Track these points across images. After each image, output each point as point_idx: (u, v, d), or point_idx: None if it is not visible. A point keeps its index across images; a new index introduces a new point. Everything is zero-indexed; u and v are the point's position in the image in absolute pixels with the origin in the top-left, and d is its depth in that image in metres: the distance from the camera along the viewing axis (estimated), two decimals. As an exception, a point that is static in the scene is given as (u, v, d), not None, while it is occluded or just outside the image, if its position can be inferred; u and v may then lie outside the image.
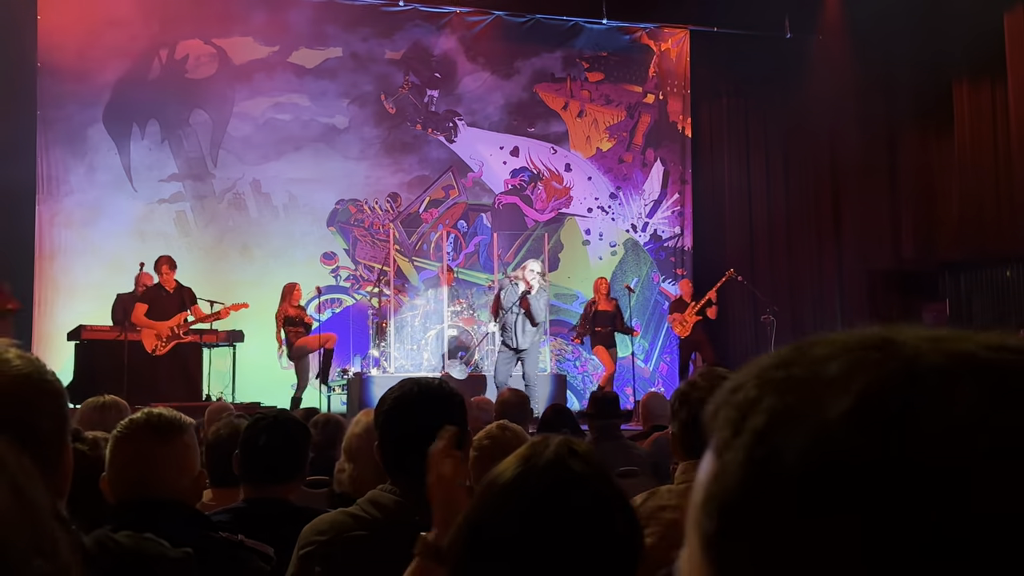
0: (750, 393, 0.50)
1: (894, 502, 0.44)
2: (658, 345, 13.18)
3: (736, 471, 0.48)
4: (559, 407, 5.73)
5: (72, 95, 11.47)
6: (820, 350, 0.50)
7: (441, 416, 2.22)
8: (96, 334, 9.67)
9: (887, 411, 0.46)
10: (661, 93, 13.48)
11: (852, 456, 0.45)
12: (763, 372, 0.51)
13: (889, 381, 0.47)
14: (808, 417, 0.47)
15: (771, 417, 0.48)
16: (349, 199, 12.36)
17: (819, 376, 0.48)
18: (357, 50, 12.43)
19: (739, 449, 0.49)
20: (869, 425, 0.46)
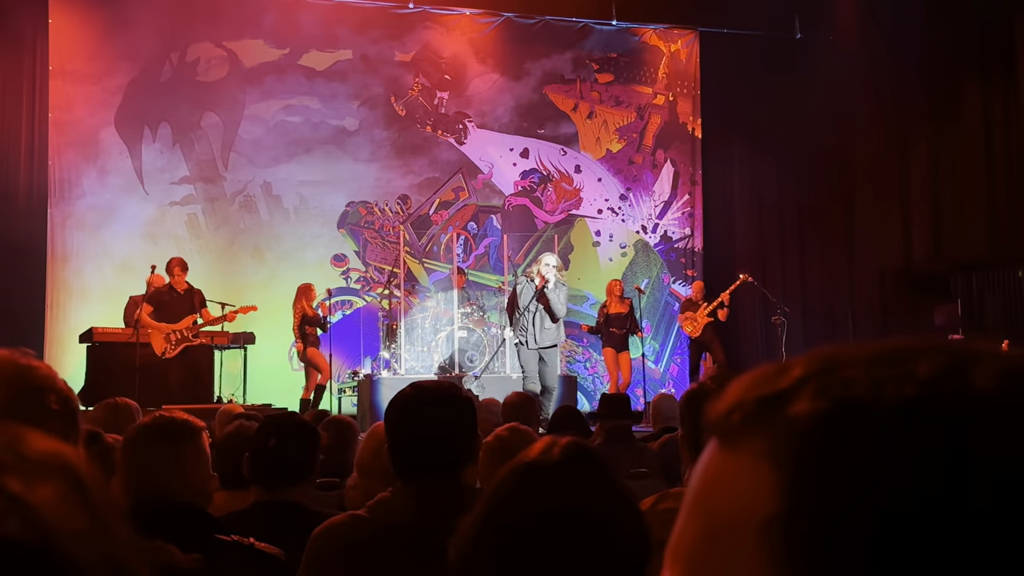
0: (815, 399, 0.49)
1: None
2: (668, 346, 13.17)
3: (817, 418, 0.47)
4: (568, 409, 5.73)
5: (84, 98, 11.52)
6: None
7: (451, 419, 2.23)
8: (108, 336, 9.71)
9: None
10: (671, 94, 13.47)
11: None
12: (820, 374, 0.50)
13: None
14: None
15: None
16: (359, 201, 12.38)
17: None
18: (367, 52, 12.46)
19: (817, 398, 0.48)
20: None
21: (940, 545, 0.44)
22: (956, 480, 0.44)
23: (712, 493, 0.51)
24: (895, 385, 0.47)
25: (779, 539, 0.47)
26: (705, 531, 0.51)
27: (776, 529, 0.47)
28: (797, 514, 0.46)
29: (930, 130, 11.80)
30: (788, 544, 0.46)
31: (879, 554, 0.44)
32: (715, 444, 0.52)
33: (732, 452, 0.50)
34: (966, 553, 0.44)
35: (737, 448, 0.50)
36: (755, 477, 0.48)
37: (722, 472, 0.51)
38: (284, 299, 11.35)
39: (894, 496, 0.45)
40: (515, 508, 1.26)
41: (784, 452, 0.48)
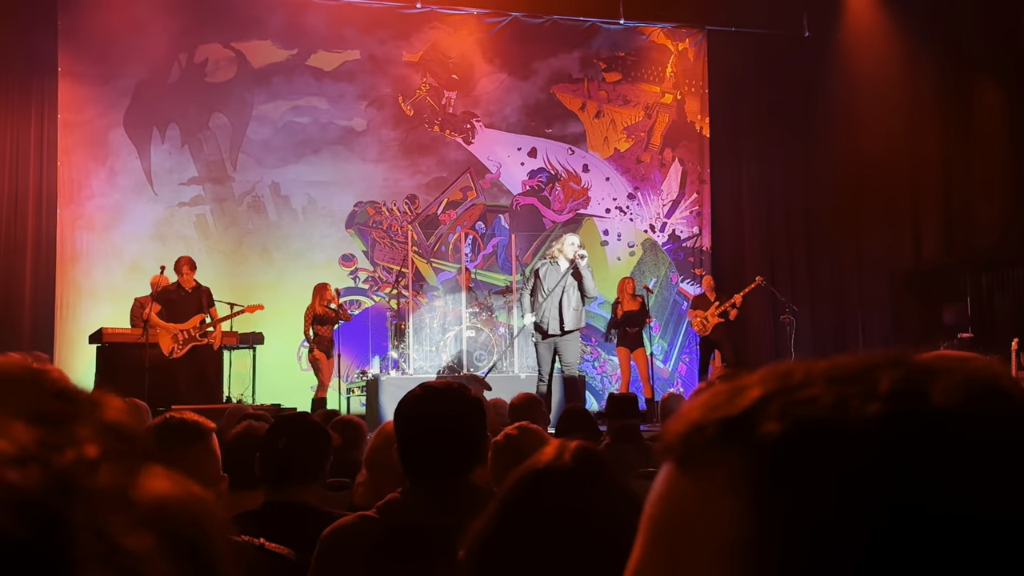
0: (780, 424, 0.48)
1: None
2: (677, 345, 13.16)
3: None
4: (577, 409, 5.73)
5: (93, 100, 11.56)
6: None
7: (460, 419, 2.24)
8: (117, 337, 9.74)
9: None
10: (679, 93, 13.45)
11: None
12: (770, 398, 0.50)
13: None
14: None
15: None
16: (367, 201, 12.40)
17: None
18: (375, 52, 12.47)
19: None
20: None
21: (919, 562, 0.44)
22: (928, 496, 0.44)
23: (675, 519, 0.50)
24: (859, 403, 0.47)
25: (751, 563, 0.46)
26: (670, 559, 0.49)
27: (748, 553, 0.46)
28: (770, 537, 0.46)
29: (940, 128, 11.77)
30: (761, 568, 0.46)
31: (858, 573, 0.44)
32: (672, 468, 0.51)
33: (693, 476, 0.49)
34: (942, 571, 0.44)
35: (699, 472, 0.49)
36: (722, 501, 0.47)
37: (684, 498, 0.49)
38: (293, 299, 11.37)
39: (870, 515, 0.44)
40: (526, 512, 1.27)
41: (752, 475, 0.47)
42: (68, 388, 0.48)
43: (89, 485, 0.45)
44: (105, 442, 0.47)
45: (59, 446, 0.46)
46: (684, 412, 0.52)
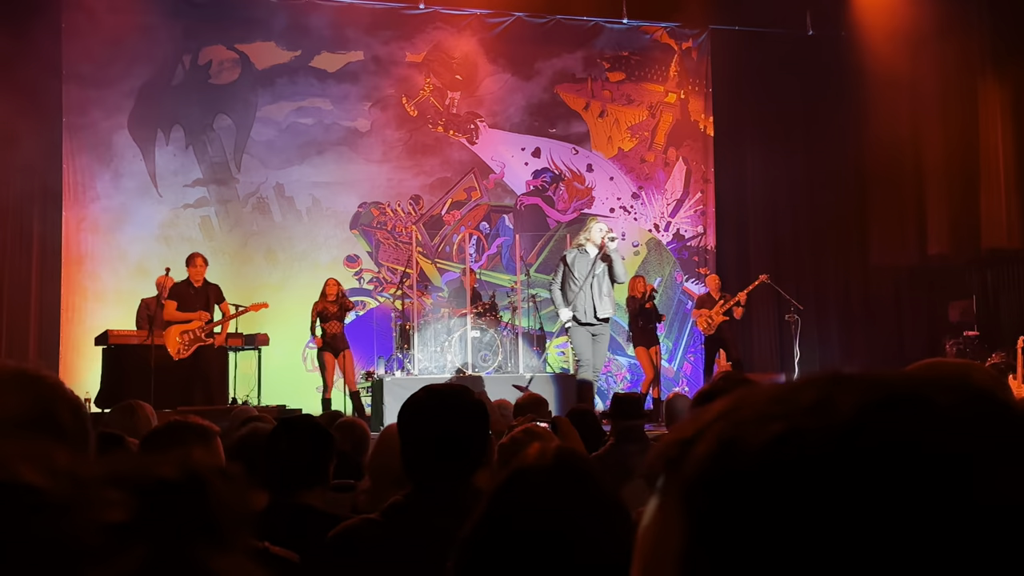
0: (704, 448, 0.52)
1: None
2: (682, 345, 13.15)
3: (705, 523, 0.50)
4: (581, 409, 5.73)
5: (97, 102, 11.59)
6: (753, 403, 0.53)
7: (463, 422, 2.24)
8: (123, 339, 9.76)
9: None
10: (682, 92, 13.44)
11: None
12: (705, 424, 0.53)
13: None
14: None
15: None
16: (372, 202, 12.41)
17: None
18: (378, 53, 12.48)
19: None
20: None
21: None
22: (815, 516, 0.46)
23: (644, 537, 0.54)
24: (770, 423, 0.49)
25: (687, 574, 0.50)
26: (644, 569, 0.53)
27: (684, 565, 0.50)
28: (695, 551, 0.49)
29: (944, 125, 11.74)
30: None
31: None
32: (653, 495, 0.55)
33: (660, 497, 0.53)
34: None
35: (663, 492, 0.53)
36: (671, 516, 0.51)
37: (652, 517, 0.54)
38: (298, 300, 11.39)
39: (764, 535, 0.47)
40: (506, 511, 1.28)
41: (685, 492, 0.51)
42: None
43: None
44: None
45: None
46: (661, 440, 0.56)
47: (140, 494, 0.62)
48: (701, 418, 0.53)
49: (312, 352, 11.68)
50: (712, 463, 0.50)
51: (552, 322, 12.47)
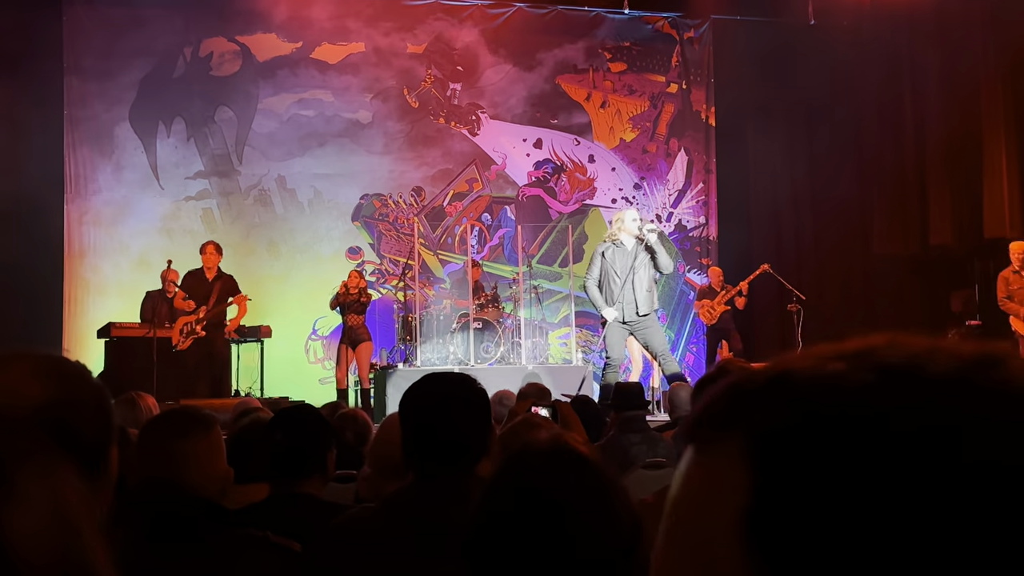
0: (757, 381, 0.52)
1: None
2: (684, 335, 13.14)
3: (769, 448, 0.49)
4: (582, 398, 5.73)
5: (98, 94, 11.58)
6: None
7: (464, 411, 2.23)
8: (125, 331, 9.76)
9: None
10: (684, 82, 13.42)
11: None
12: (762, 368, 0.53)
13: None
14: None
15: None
16: (373, 194, 12.40)
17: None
18: (379, 45, 12.46)
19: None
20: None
21: (909, 542, 0.45)
22: (921, 472, 0.46)
23: (689, 497, 0.52)
24: (857, 376, 0.49)
25: (752, 533, 0.48)
26: (684, 535, 0.52)
27: (749, 523, 0.48)
28: (768, 508, 0.48)
29: (946, 113, 11.71)
30: (760, 538, 0.48)
31: (847, 548, 0.46)
32: (691, 452, 0.53)
33: (707, 456, 0.52)
34: (932, 548, 0.45)
35: (711, 451, 0.51)
36: (729, 474, 0.50)
37: (698, 476, 0.52)
38: (300, 292, 11.42)
39: (861, 491, 0.46)
40: (503, 493, 1.30)
41: (755, 449, 0.49)
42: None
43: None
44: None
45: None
46: (703, 399, 0.54)
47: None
48: (749, 380, 0.52)
49: (315, 344, 11.71)
50: (795, 420, 0.49)
51: (554, 313, 12.48)
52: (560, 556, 1.26)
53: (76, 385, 1.30)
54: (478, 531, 1.30)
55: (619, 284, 8.35)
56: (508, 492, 1.31)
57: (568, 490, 1.28)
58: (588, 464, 1.33)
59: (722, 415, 0.52)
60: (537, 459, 1.32)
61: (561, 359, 11.78)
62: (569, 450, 1.34)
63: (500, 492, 1.32)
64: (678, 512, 0.53)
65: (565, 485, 1.28)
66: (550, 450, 1.33)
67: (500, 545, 1.28)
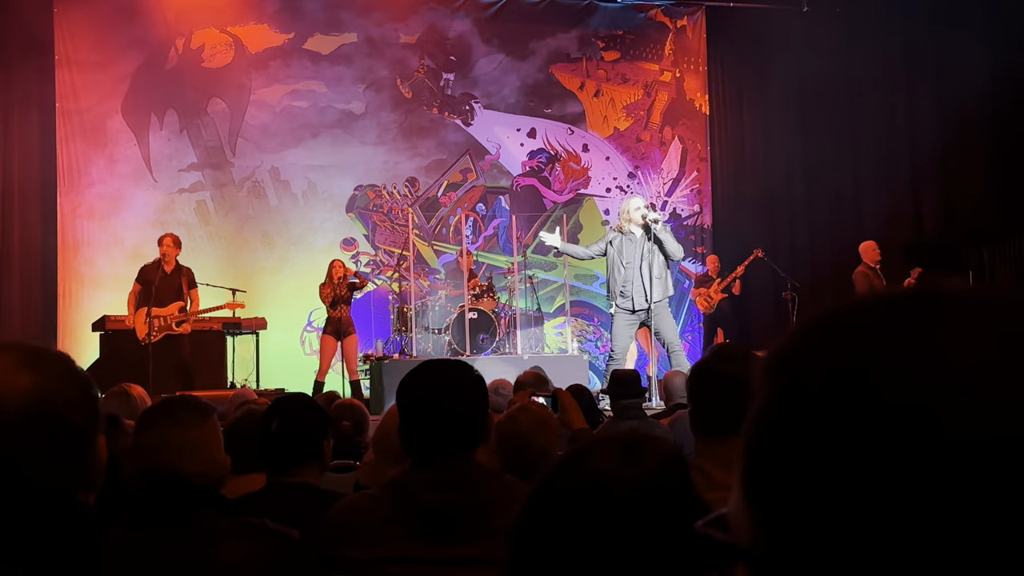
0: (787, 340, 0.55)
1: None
2: (679, 323, 13.14)
3: (772, 403, 0.52)
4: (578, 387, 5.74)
5: (90, 87, 11.54)
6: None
7: (462, 398, 2.24)
8: (120, 324, 9.75)
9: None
10: (678, 71, 13.40)
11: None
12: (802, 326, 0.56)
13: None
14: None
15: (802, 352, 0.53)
16: (367, 185, 12.38)
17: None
18: (372, 35, 12.42)
19: (775, 382, 0.53)
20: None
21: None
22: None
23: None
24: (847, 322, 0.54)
25: (745, 461, 0.52)
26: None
27: (745, 452, 0.53)
28: (753, 438, 0.52)
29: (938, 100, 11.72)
30: (747, 466, 0.52)
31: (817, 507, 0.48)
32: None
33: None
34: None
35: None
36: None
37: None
38: (295, 284, 11.41)
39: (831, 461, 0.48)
40: (562, 482, 1.21)
41: (757, 386, 0.53)
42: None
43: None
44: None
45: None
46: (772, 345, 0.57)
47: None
48: (788, 334, 0.56)
49: (310, 335, 11.70)
50: (812, 378, 0.51)
51: (549, 303, 12.48)
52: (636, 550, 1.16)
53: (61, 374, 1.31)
54: (536, 518, 1.19)
55: (623, 273, 8.37)
56: (569, 481, 1.20)
57: (633, 480, 1.18)
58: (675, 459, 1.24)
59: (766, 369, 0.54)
60: (604, 450, 1.22)
61: (557, 349, 11.78)
62: (641, 444, 1.23)
63: (559, 480, 1.21)
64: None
65: (630, 475, 1.19)
66: (622, 443, 1.23)
67: (560, 535, 1.17)
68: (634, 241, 8.40)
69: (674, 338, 8.59)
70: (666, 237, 8.34)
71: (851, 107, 12.61)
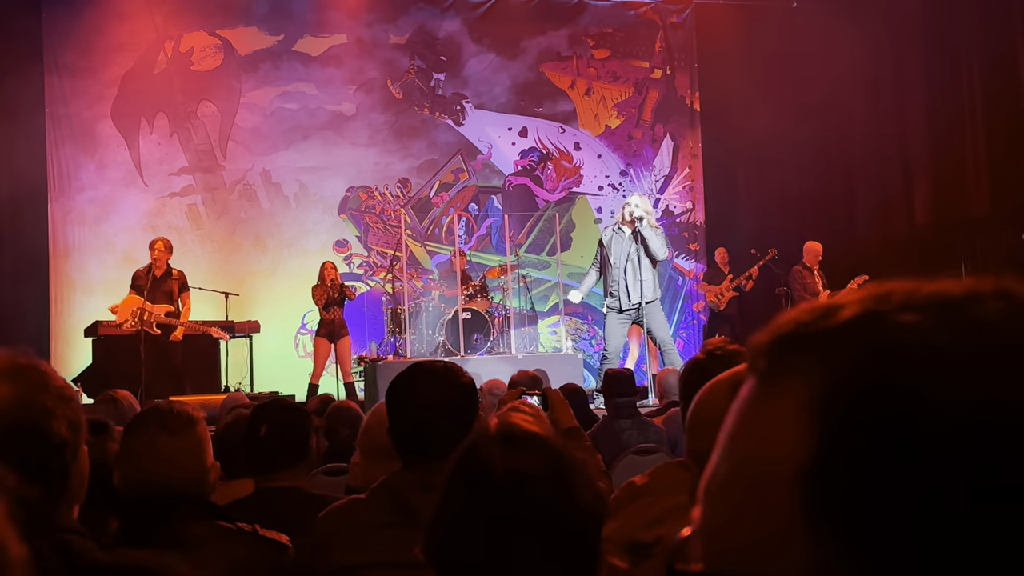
0: (866, 308, 0.48)
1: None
2: (674, 321, 13.13)
3: (866, 400, 0.45)
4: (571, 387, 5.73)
5: (79, 92, 11.50)
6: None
7: (452, 400, 2.22)
8: (113, 329, 9.71)
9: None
10: (668, 68, 13.40)
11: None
12: (874, 295, 0.49)
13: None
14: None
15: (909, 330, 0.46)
16: (359, 186, 12.36)
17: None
18: (362, 36, 12.40)
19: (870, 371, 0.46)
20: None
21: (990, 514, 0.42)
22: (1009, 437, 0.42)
23: (747, 435, 0.49)
24: (947, 334, 0.45)
25: (813, 492, 0.45)
26: (737, 473, 0.49)
27: (810, 482, 0.45)
28: (834, 469, 0.44)
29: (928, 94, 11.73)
30: (822, 499, 0.44)
31: (922, 521, 0.42)
32: (754, 381, 0.50)
33: (770, 393, 0.48)
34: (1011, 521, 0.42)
35: (776, 389, 0.48)
36: (792, 425, 0.46)
37: (759, 414, 0.49)
38: (287, 287, 11.39)
39: (951, 470, 0.42)
40: (458, 475, 1.39)
41: (823, 402, 0.45)
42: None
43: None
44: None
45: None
46: (775, 323, 0.51)
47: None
48: (826, 312, 0.48)
49: (304, 338, 11.68)
50: (871, 367, 0.45)
51: (543, 302, 12.47)
52: (522, 532, 1.29)
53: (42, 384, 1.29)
54: (440, 518, 1.36)
55: (610, 272, 8.41)
56: (465, 474, 1.36)
57: (522, 467, 1.31)
58: (539, 440, 1.36)
59: (792, 351, 0.48)
60: (490, 441, 1.37)
61: (551, 348, 11.77)
62: (518, 429, 1.38)
63: (457, 476, 1.37)
64: (736, 442, 0.49)
65: (518, 462, 1.32)
66: (502, 432, 1.38)
67: (460, 529, 1.32)
68: (623, 239, 8.43)
69: (666, 336, 8.64)
70: (650, 235, 8.33)
71: (842, 101, 12.61)
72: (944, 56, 11.49)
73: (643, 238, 8.30)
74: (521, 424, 1.42)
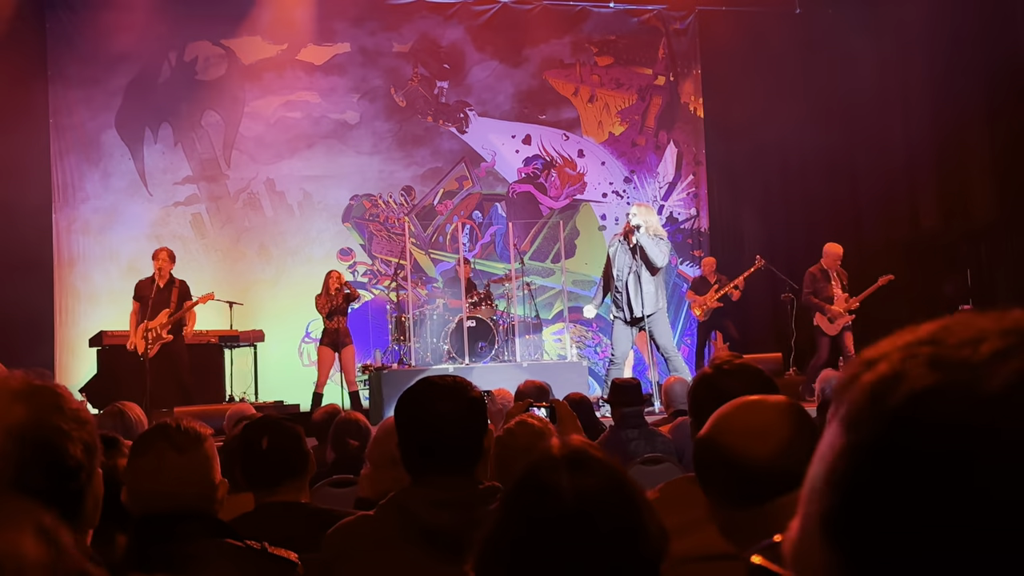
0: (892, 367, 0.49)
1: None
2: (678, 328, 13.12)
3: (870, 449, 0.47)
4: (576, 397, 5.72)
5: (83, 102, 11.52)
6: (968, 330, 0.48)
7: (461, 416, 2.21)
8: (117, 339, 9.71)
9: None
10: (671, 74, 13.39)
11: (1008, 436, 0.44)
12: (907, 347, 0.49)
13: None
14: (958, 396, 0.46)
15: (913, 396, 0.47)
16: (363, 194, 12.36)
17: (969, 356, 0.47)
18: (365, 44, 12.41)
19: (876, 425, 0.48)
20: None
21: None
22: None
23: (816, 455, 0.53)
24: (957, 409, 0.46)
25: (831, 534, 0.48)
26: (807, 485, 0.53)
27: (829, 525, 0.49)
28: (850, 517, 0.48)
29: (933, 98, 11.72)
30: (838, 539, 0.48)
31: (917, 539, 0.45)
32: (833, 420, 0.53)
33: (842, 432, 0.51)
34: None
35: (833, 416, 0.52)
36: (831, 437, 0.50)
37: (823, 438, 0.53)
38: (292, 295, 11.38)
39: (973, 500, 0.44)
40: (519, 502, 1.31)
41: (849, 418, 0.49)
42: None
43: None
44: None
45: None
46: (852, 362, 0.53)
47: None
48: (879, 358, 0.51)
49: (308, 347, 11.67)
50: (911, 418, 0.47)
51: (547, 310, 12.46)
52: (587, 565, 1.23)
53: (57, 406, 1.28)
54: (497, 540, 1.28)
55: (615, 283, 8.45)
56: (531, 498, 1.29)
57: (592, 495, 1.26)
58: (611, 470, 1.31)
59: (844, 383, 0.51)
60: (549, 464, 1.31)
61: (556, 355, 11.75)
62: (589, 455, 1.32)
63: (522, 498, 1.30)
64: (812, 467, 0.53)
65: (589, 490, 1.26)
66: (562, 455, 1.32)
67: (522, 556, 1.25)
68: (625, 249, 8.46)
69: (669, 344, 8.63)
70: (648, 243, 8.30)
71: (846, 108, 12.60)
72: (949, 61, 11.47)
73: (640, 247, 8.29)
74: (587, 448, 1.34)
